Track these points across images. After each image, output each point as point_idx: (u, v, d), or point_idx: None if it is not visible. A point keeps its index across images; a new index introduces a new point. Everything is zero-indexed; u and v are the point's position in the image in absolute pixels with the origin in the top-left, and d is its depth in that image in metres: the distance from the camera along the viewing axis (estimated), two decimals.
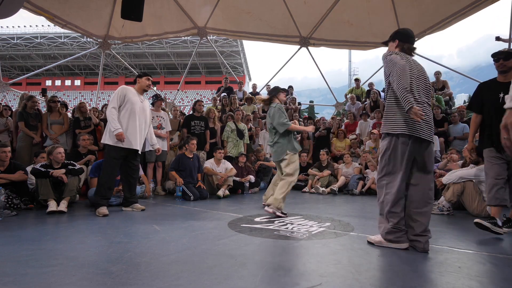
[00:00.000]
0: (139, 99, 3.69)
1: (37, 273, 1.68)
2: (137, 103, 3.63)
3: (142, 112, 3.68)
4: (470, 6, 7.19)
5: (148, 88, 3.79)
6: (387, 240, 2.22)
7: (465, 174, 3.66)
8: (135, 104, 3.60)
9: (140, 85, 3.77)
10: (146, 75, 3.83)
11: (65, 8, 7.45)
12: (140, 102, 3.69)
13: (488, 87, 2.86)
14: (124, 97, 3.57)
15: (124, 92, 3.60)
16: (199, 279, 1.60)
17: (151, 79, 3.86)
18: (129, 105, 3.56)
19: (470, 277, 1.69)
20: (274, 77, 10.82)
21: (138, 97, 3.70)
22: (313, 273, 1.71)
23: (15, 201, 3.52)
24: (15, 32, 37.48)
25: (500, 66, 2.74)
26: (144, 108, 3.74)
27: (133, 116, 3.57)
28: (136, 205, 3.73)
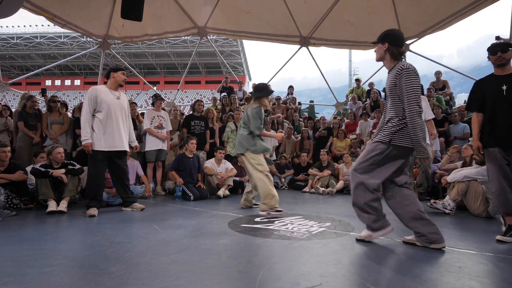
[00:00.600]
0: (113, 96, 3.44)
1: (37, 273, 1.68)
2: (112, 101, 3.40)
3: (120, 110, 3.47)
4: (470, 6, 7.18)
5: (123, 82, 3.55)
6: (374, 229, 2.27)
7: (470, 173, 3.67)
8: (111, 103, 3.39)
9: (115, 80, 3.50)
10: (122, 70, 3.58)
11: (65, 7, 7.44)
12: (116, 99, 3.46)
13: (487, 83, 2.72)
14: (96, 98, 3.35)
15: (95, 93, 3.37)
16: (199, 279, 1.60)
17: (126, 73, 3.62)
18: (104, 105, 3.36)
19: (470, 277, 1.69)
20: (274, 76, 10.81)
21: (112, 94, 3.45)
22: (314, 273, 1.71)
23: (15, 201, 3.52)
24: (14, 32, 37.47)
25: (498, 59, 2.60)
26: (122, 104, 3.51)
27: (110, 117, 3.38)
28: (136, 205, 3.66)
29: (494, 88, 2.62)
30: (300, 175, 6.47)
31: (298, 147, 7.17)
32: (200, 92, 41.97)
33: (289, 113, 8.35)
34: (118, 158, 3.53)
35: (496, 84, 2.62)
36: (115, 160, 3.50)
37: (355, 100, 8.69)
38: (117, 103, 3.45)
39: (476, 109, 2.79)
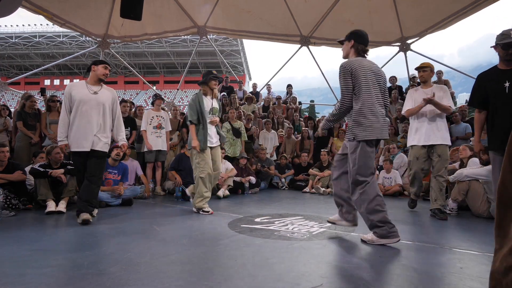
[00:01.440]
0: (88, 91, 3.13)
1: (36, 274, 1.67)
2: (85, 96, 3.10)
3: (95, 106, 3.13)
4: (471, 5, 7.17)
5: (104, 77, 3.23)
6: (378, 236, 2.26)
7: (471, 173, 3.66)
8: (83, 99, 3.09)
9: (95, 73, 3.20)
10: (104, 63, 3.26)
11: (64, 7, 7.41)
12: (92, 94, 3.13)
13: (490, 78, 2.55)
14: (70, 96, 3.11)
15: (69, 90, 3.12)
16: (199, 280, 1.59)
17: (109, 68, 3.30)
18: (76, 103, 3.08)
19: (471, 277, 1.68)
20: (274, 76, 10.80)
21: (88, 89, 3.15)
22: (314, 273, 1.70)
23: (14, 201, 3.51)
24: (13, 31, 37.40)
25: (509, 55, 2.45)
26: (99, 100, 3.15)
27: (81, 114, 3.08)
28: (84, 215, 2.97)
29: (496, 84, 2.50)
30: (300, 175, 6.46)
31: (299, 147, 7.16)
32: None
33: (290, 112, 8.34)
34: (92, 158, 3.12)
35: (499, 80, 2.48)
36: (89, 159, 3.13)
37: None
38: (92, 98, 3.12)
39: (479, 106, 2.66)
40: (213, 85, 3.64)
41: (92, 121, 3.10)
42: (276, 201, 4.67)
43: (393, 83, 8.29)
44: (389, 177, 5.54)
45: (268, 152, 6.76)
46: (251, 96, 8.26)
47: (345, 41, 2.48)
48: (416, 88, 3.71)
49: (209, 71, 3.73)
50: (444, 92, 3.46)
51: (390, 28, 8.35)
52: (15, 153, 5.00)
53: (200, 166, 3.53)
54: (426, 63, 3.62)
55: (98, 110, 3.15)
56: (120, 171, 4.28)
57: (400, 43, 8.73)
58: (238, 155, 5.90)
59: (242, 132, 6.10)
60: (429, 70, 3.59)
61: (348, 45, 2.45)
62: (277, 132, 7.17)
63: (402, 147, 6.37)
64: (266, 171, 6.31)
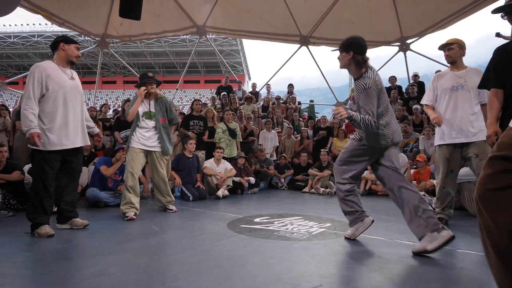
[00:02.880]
0: (66, 77, 2.63)
1: (34, 275, 1.66)
2: (66, 82, 2.60)
3: (75, 94, 2.67)
4: (471, 5, 7.18)
5: (75, 59, 2.72)
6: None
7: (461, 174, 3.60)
8: (64, 87, 2.58)
9: (67, 53, 2.65)
10: (76, 43, 2.75)
11: (63, 6, 7.40)
12: (70, 80, 2.65)
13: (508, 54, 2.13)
14: (45, 80, 2.50)
15: (44, 72, 2.51)
16: (198, 280, 1.58)
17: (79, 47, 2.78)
18: (55, 87, 2.53)
19: (471, 278, 1.68)
20: (274, 76, 10.79)
21: (65, 73, 2.63)
22: (314, 274, 1.69)
23: (12, 201, 3.50)
24: (12, 31, 37.31)
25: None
26: (77, 86, 2.71)
27: (65, 105, 2.57)
28: (76, 221, 2.75)
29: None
30: (299, 175, 6.45)
31: (298, 147, 7.16)
32: (199, 91, 41.91)
33: (289, 112, 8.33)
34: (72, 157, 2.70)
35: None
36: (68, 159, 2.67)
37: (354, 100, 8.68)
38: (72, 84, 2.64)
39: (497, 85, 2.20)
40: (150, 89, 3.47)
41: (77, 113, 2.67)
42: (276, 201, 4.66)
43: (393, 83, 8.29)
44: None
45: (268, 152, 6.75)
46: (250, 96, 8.26)
47: (342, 52, 2.29)
48: (442, 72, 3.01)
49: (145, 74, 3.57)
50: None
51: (390, 28, 8.36)
52: (13, 153, 4.98)
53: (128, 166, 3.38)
54: (452, 39, 2.86)
55: (80, 98, 2.75)
56: (121, 171, 4.27)
57: (399, 43, 8.75)
58: (236, 155, 5.89)
59: (237, 134, 6.09)
60: (457, 47, 2.83)
61: (347, 56, 2.25)
62: (275, 131, 7.16)
63: (401, 147, 6.38)
64: (266, 171, 6.30)
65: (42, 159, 2.53)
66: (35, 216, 2.51)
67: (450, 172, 2.87)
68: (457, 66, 2.88)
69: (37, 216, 2.51)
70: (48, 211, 2.57)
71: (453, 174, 2.88)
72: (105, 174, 4.09)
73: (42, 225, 2.49)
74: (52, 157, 2.55)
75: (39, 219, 2.51)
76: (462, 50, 2.83)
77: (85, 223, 2.78)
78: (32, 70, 2.51)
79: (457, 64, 2.87)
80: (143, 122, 3.49)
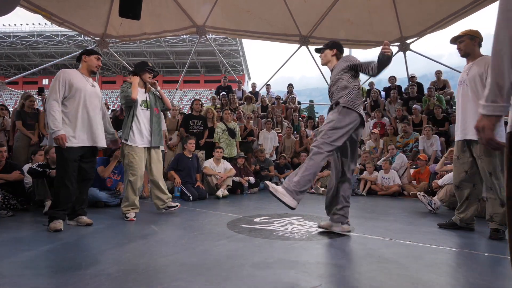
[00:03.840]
0: (88, 83, 2.94)
1: (33, 275, 1.65)
2: (86, 88, 2.89)
3: (95, 99, 2.96)
4: (471, 5, 7.18)
5: (97, 69, 3.07)
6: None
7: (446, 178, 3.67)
8: (85, 91, 2.87)
9: (88, 64, 2.99)
10: (96, 53, 3.06)
11: (63, 6, 7.38)
12: (91, 87, 2.96)
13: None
14: (68, 84, 2.79)
15: (68, 77, 2.80)
16: (197, 280, 1.58)
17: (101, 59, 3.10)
18: (77, 93, 2.81)
19: (470, 277, 1.68)
20: (273, 76, 10.79)
21: (87, 80, 2.95)
22: (313, 274, 1.69)
23: (12, 201, 3.49)
24: (11, 31, 37.24)
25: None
26: (97, 93, 3.03)
27: (85, 106, 2.85)
28: (82, 218, 2.91)
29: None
30: None
31: (298, 147, 7.16)
32: (199, 91, 41.89)
33: (289, 112, 8.33)
34: (88, 157, 2.94)
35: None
36: (84, 159, 2.91)
37: None
38: (92, 91, 2.95)
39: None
40: (147, 78, 3.38)
41: (95, 116, 2.93)
42: (275, 201, 4.64)
43: (392, 83, 8.29)
44: (387, 177, 5.55)
45: (268, 152, 6.75)
46: (250, 96, 8.25)
47: (326, 50, 2.75)
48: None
49: (144, 62, 3.49)
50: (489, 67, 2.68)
51: (390, 27, 8.35)
52: (13, 153, 4.98)
53: (131, 167, 3.20)
54: (463, 31, 2.71)
55: (100, 104, 3.03)
56: (119, 171, 4.27)
57: (399, 43, 8.74)
58: (236, 155, 5.88)
59: (236, 133, 6.08)
60: (468, 39, 2.66)
61: (330, 53, 2.73)
62: (275, 131, 7.17)
63: (401, 147, 6.38)
64: (267, 174, 6.29)
65: (64, 156, 2.74)
66: (52, 210, 2.72)
67: (465, 173, 2.66)
68: (472, 58, 2.68)
69: (54, 211, 2.72)
70: (65, 207, 2.77)
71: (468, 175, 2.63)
72: (102, 175, 4.07)
73: (56, 219, 2.68)
74: (72, 155, 2.76)
75: (56, 213, 2.71)
76: (474, 41, 2.64)
77: (89, 221, 2.88)
78: (58, 74, 2.83)
79: (471, 56, 2.68)
80: (142, 111, 3.32)
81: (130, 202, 3.20)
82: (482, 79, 2.49)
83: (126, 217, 3.16)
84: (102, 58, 3.10)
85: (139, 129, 3.27)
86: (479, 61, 2.59)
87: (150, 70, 3.42)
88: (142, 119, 3.31)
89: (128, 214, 3.17)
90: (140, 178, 3.24)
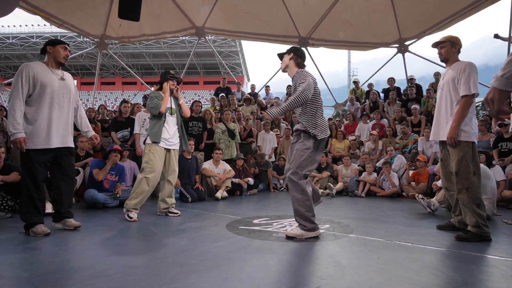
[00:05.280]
0: (55, 76, 2.67)
1: (32, 277, 1.65)
2: (53, 81, 2.63)
3: (64, 95, 2.69)
4: (470, 7, 7.21)
5: (65, 60, 2.75)
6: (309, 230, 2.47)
7: None
8: (52, 86, 2.61)
9: (54, 56, 2.70)
10: (63, 43, 2.78)
11: (62, 7, 7.38)
12: (59, 80, 2.68)
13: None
14: (32, 79, 2.54)
15: (31, 72, 2.54)
16: (196, 281, 1.58)
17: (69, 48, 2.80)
18: (42, 89, 2.57)
19: (470, 280, 1.68)
20: (272, 77, 10.79)
21: (54, 74, 2.67)
22: (312, 275, 1.69)
23: (10, 202, 3.48)
24: (10, 32, 37.20)
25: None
26: (68, 87, 2.73)
27: (51, 104, 2.59)
28: (70, 221, 2.76)
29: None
30: None
31: None
32: (198, 92, 41.89)
33: (288, 114, 8.33)
34: (62, 157, 2.71)
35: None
36: (59, 160, 2.70)
37: (352, 102, 8.71)
38: (62, 85, 2.68)
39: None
40: (171, 85, 3.54)
41: (64, 113, 2.68)
42: (274, 203, 4.66)
43: (391, 84, 8.32)
44: (386, 179, 5.55)
45: (267, 153, 6.75)
46: (249, 97, 8.25)
47: (285, 54, 2.72)
48: None
49: (167, 71, 3.65)
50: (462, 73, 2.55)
51: (389, 29, 8.38)
52: (12, 154, 4.96)
53: (149, 165, 3.29)
54: (445, 37, 2.78)
55: (69, 99, 2.74)
56: (117, 172, 4.26)
57: (398, 45, 8.77)
58: (235, 156, 5.88)
59: (236, 135, 6.08)
60: (449, 45, 2.72)
61: (288, 57, 2.70)
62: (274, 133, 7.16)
63: (400, 148, 6.39)
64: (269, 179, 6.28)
65: (28, 159, 2.55)
66: (29, 216, 2.56)
67: (450, 174, 2.70)
68: (450, 63, 2.76)
69: (32, 216, 2.56)
70: (41, 210, 2.63)
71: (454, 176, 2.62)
72: (97, 178, 4.02)
73: (38, 224, 2.56)
74: (39, 156, 2.56)
75: (34, 218, 2.56)
76: (454, 48, 2.72)
77: (77, 224, 2.76)
78: (20, 69, 2.56)
79: (450, 61, 2.76)
80: (168, 117, 3.49)
81: (140, 200, 3.27)
82: (454, 83, 2.61)
83: (129, 217, 3.20)
84: (69, 47, 2.81)
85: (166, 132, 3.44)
86: (454, 66, 2.67)
87: (172, 77, 3.57)
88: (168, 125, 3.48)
89: (132, 214, 3.22)
90: (157, 174, 3.34)
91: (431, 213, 3.69)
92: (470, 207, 2.49)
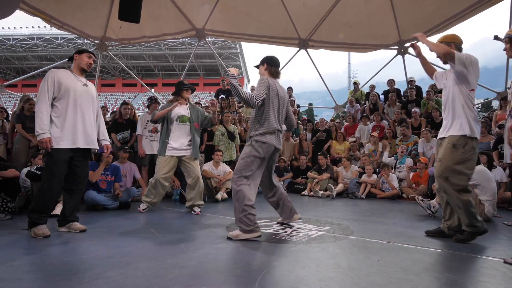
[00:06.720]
0: (79, 82, 2.85)
1: (32, 279, 1.64)
2: (77, 87, 2.80)
3: (87, 99, 2.86)
4: (469, 9, 7.22)
5: (88, 68, 2.93)
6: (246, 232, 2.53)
7: None
8: (75, 90, 2.78)
9: (78, 63, 2.90)
10: (88, 52, 2.97)
11: (62, 9, 7.40)
12: (82, 86, 2.86)
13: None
14: (57, 83, 2.70)
15: (57, 77, 2.72)
16: (196, 284, 1.57)
17: (93, 57, 2.98)
18: (66, 93, 2.73)
19: (470, 281, 1.67)
20: None
21: (78, 79, 2.85)
22: (312, 277, 1.69)
23: (10, 204, 3.48)
24: (10, 33, 37.28)
25: None
26: (90, 92, 2.92)
27: (74, 106, 2.75)
28: (75, 225, 2.81)
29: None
30: (299, 178, 6.45)
31: (297, 150, 7.16)
32: (198, 94, 41.93)
33: None
34: (79, 160, 2.82)
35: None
36: (75, 162, 2.79)
37: (352, 103, 8.72)
38: (84, 90, 2.85)
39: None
40: (186, 95, 3.86)
41: (86, 116, 2.82)
42: None
43: (391, 86, 8.33)
44: (386, 181, 5.55)
45: None
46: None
47: (260, 65, 2.94)
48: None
49: (181, 82, 3.93)
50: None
51: (388, 31, 8.40)
52: (13, 156, 4.96)
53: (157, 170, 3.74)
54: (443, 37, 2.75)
55: (92, 104, 2.92)
56: (112, 172, 4.24)
57: (398, 46, 8.79)
58: (235, 158, 5.88)
59: (236, 137, 6.08)
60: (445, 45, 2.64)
61: (262, 68, 2.92)
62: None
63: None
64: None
65: (53, 157, 2.66)
66: (36, 215, 2.60)
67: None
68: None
69: (38, 216, 2.61)
70: (49, 210, 2.73)
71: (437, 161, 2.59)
72: (90, 179, 3.97)
73: (40, 225, 2.59)
74: (61, 156, 2.67)
75: (39, 219, 2.61)
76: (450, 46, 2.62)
77: (82, 228, 2.79)
78: (47, 75, 2.74)
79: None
80: (178, 125, 3.76)
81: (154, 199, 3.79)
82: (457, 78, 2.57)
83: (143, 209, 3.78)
84: (94, 57, 3.00)
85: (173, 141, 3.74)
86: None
87: (187, 87, 3.86)
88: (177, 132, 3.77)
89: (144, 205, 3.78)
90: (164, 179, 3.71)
91: (431, 214, 3.69)
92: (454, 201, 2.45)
